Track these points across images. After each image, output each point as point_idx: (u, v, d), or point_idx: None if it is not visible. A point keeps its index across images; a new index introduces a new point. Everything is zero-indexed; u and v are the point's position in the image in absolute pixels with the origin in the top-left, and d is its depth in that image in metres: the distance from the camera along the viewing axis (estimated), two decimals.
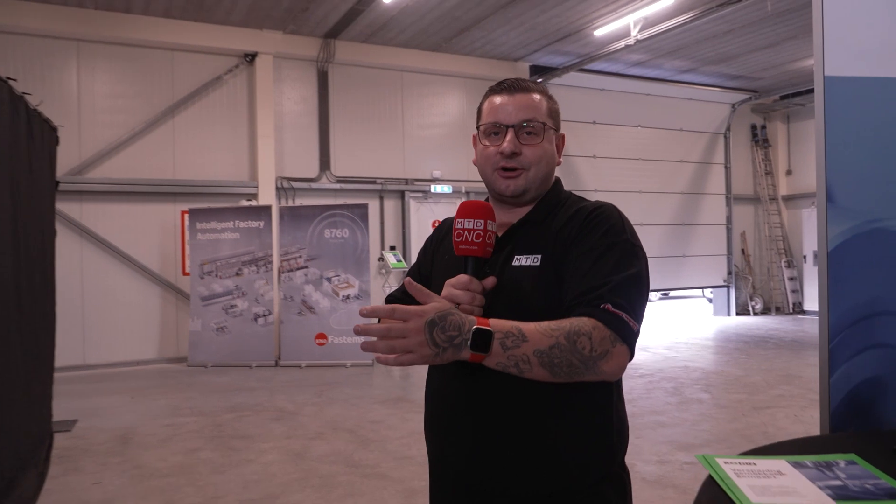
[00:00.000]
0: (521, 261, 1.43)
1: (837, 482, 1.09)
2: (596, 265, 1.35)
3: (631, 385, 7.47)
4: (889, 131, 1.37)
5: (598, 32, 10.47)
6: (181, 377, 8.60)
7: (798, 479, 1.09)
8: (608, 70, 12.52)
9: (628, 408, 1.52)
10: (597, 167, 12.99)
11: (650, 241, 13.25)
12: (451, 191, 11.65)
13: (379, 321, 1.36)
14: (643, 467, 4.70)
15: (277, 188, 10.47)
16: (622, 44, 10.44)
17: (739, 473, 1.13)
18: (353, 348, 8.95)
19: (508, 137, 1.45)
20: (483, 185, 1.58)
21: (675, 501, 4.08)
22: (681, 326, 13.05)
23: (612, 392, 1.44)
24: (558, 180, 1.58)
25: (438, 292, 1.37)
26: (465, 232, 1.39)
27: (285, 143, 10.65)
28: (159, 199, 9.88)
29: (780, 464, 1.17)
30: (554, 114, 1.52)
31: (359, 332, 1.26)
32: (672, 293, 19.85)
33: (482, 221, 1.39)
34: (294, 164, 10.76)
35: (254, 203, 10.07)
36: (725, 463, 1.19)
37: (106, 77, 9.57)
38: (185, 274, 9.88)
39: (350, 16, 9.72)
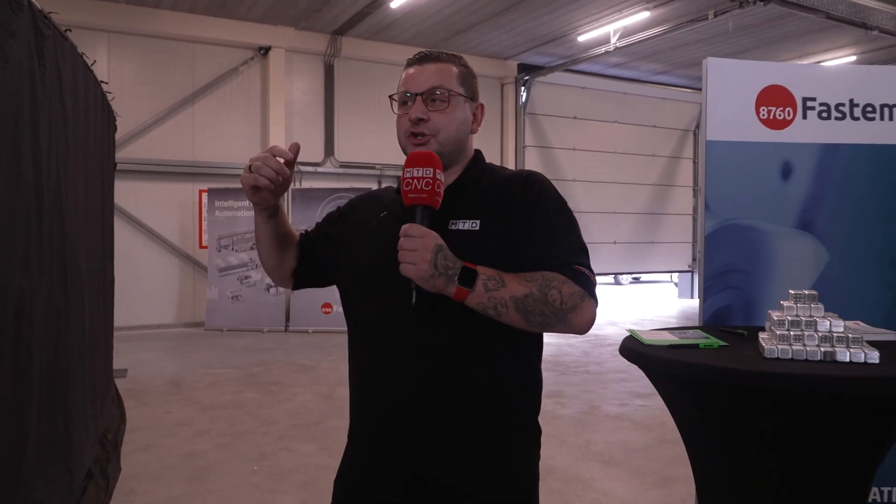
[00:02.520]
0: (458, 225, 1.44)
1: (684, 333, 2.18)
2: (555, 231, 1.43)
3: (600, 352, 8.68)
4: (735, 171, 2.49)
5: (582, 38, 11.58)
6: (202, 339, 9.65)
7: (668, 334, 2.18)
8: (589, 70, 13.64)
9: (598, 368, 2.45)
10: (576, 159, 14.16)
11: (622, 228, 14.54)
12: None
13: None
14: (607, 408, 5.89)
15: None
16: (602, 49, 11.56)
17: (645, 334, 2.22)
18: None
19: (417, 104, 1.47)
20: None
21: (630, 429, 5.26)
22: (648, 307, 14.33)
23: (538, 355, 1.53)
24: (479, 152, 1.60)
25: (365, 251, 1.50)
26: (414, 181, 1.36)
27: (294, 129, 11.63)
28: (179, 178, 10.84)
29: (666, 333, 2.26)
30: (467, 83, 1.52)
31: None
32: (643, 277, 21.16)
33: (431, 170, 1.37)
34: (302, 149, 11.70)
35: None
36: (640, 331, 2.29)
37: (133, 66, 10.48)
38: (202, 247, 10.87)
39: (359, 16, 10.71)
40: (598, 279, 1.77)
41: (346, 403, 1.60)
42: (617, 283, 20.56)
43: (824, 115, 2.57)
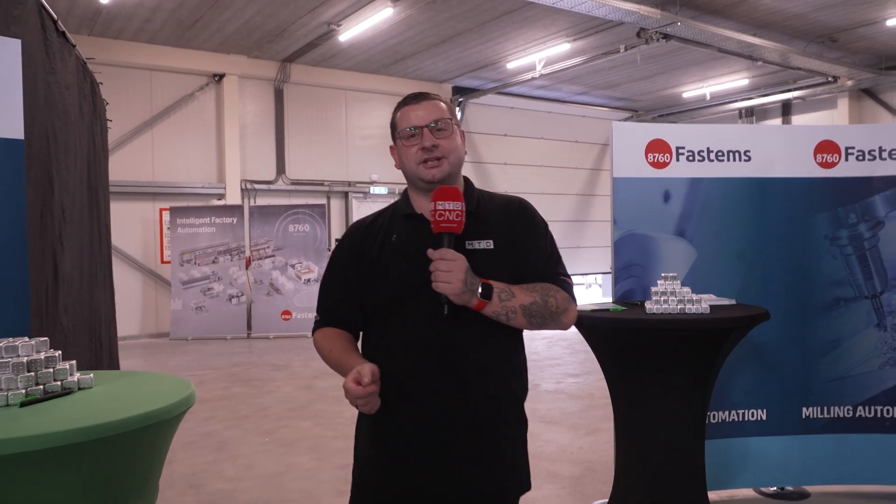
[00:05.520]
0: (475, 245, 1.67)
1: (603, 306, 3.32)
2: (546, 249, 1.76)
3: (536, 344, 9.91)
4: (633, 197, 3.68)
5: (510, 65, 12.89)
6: (171, 347, 10.37)
7: (592, 307, 3.32)
8: (517, 92, 14.99)
9: (535, 357, 3.28)
10: (507, 172, 15.49)
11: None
12: (386, 192, 13.79)
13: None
14: (545, 385, 7.08)
15: (241, 189, 12.29)
16: (529, 75, 12.89)
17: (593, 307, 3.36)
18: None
19: (426, 135, 1.68)
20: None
21: (565, 399, 6.46)
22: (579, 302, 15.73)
23: (524, 350, 1.80)
24: (467, 177, 1.81)
25: (395, 273, 1.68)
26: (447, 212, 1.57)
27: (247, 150, 12.46)
28: (140, 198, 11.51)
29: (591, 306, 3.39)
30: (452, 113, 1.76)
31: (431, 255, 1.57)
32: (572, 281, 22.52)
33: (460, 203, 1.59)
34: (255, 168, 12.60)
35: (224, 203, 11.87)
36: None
37: None
38: (163, 262, 11.56)
39: (308, 46, 11.67)
40: None
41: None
42: None
43: (691, 158, 3.79)
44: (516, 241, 1.72)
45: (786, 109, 15.47)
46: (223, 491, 4.24)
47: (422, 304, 1.63)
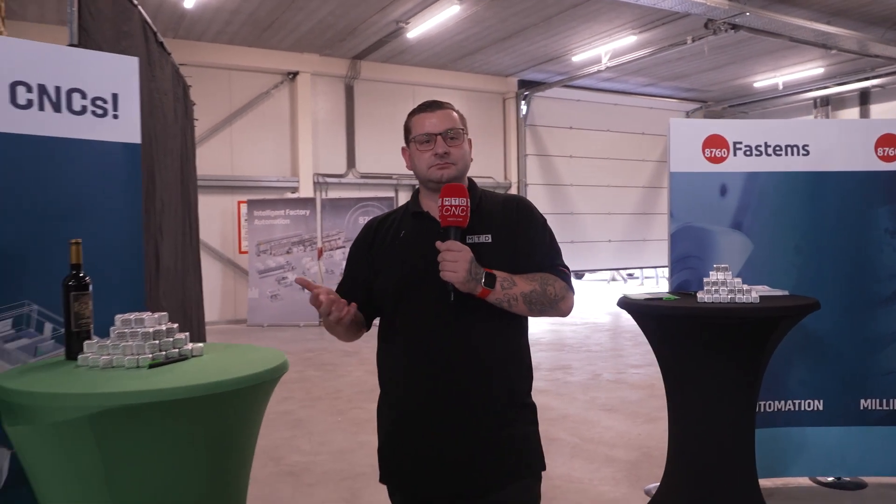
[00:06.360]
0: (475, 239, 1.81)
1: (658, 295, 3.49)
2: (544, 242, 1.90)
3: (599, 335, 10.01)
4: (689, 191, 3.81)
5: (576, 58, 12.93)
6: (249, 333, 10.94)
7: (647, 295, 3.48)
8: (583, 85, 15.00)
9: (598, 347, 3.48)
10: (572, 165, 15.53)
11: (616, 227, 15.91)
12: None
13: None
14: (607, 375, 7.21)
15: (314, 182, 12.79)
16: (595, 68, 12.91)
17: (633, 295, 3.51)
18: None
19: (439, 142, 1.83)
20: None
21: (626, 389, 6.58)
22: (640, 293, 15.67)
23: (527, 335, 1.93)
24: (471, 178, 1.95)
25: (403, 264, 1.85)
26: (453, 207, 1.72)
27: (319, 145, 12.94)
28: (220, 191, 12.12)
29: (646, 294, 3.55)
30: (463, 123, 1.90)
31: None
32: (635, 273, 22.42)
33: (465, 199, 1.74)
34: (326, 162, 13.08)
35: (298, 195, 12.38)
36: (630, 294, 3.58)
37: None
38: (241, 252, 12.17)
39: (377, 44, 12.03)
40: (593, 276, 3.08)
41: None
42: (613, 279, 21.86)
43: (748, 153, 3.89)
44: (514, 236, 1.87)
45: (864, 98, 14.94)
46: (300, 463, 4.60)
47: (428, 293, 1.78)
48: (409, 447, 1.85)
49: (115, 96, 2.30)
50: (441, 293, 1.73)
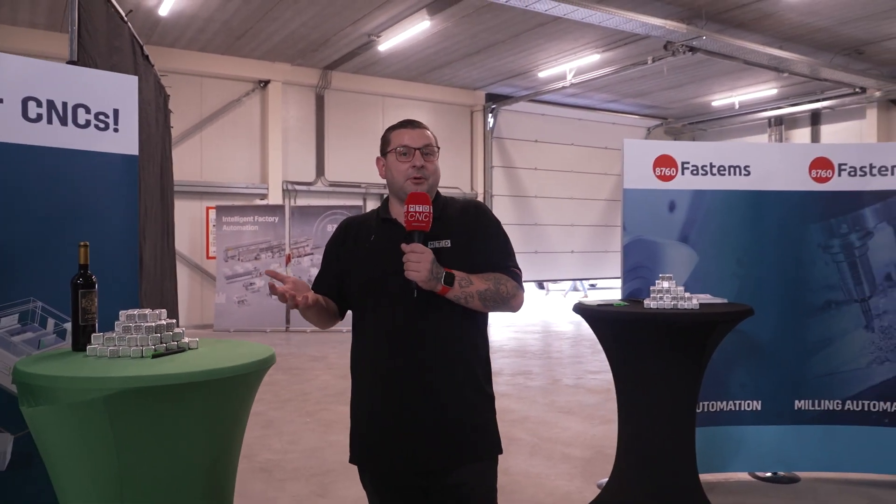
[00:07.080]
0: (436, 244, 2.00)
1: (610, 301, 3.77)
2: (498, 244, 2.11)
3: (559, 343, 10.34)
4: (641, 207, 4.13)
5: (542, 74, 13.33)
6: (216, 338, 10.99)
7: (599, 302, 3.77)
8: (548, 100, 15.42)
9: (558, 355, 3.68)
10: (537, 177, 15.93)
11: (579, 238, 16.33)
12: None
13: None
14: (566, 380, 7.53)
15: (283, 189, 12.94)
16: (560, 84, 13.32)
17: (587, 301, 3.81)
18: (349, 316, 11.54)
19: (417, 156, 2.04)
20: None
21: (584, 393, 6.90)
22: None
23: (486, 327, 2.14)
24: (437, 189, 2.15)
25: (370, 264, 2.06)
26: (417, 213, 1.92)
27: (289, 153, 13.11)
28: (189, 196, 12.17)
29: (598, 301, 3.85)
30: (436, 141, 2.12)
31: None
32: (598, 284, 22.91)
33: (428, 207, 1.93)
34: (296, 170, 13.25)
35: (267, 202, 12.52)
36: (584, 300, 3.87)
37: None
38: (209, 258, 12.24)
39: (348, 55, 12.26)
40: (556, 286, 3.36)
41: None
42: (574, 289, 22.30)
43: (695, 172, 4.23)
44: (472, 239, 2.07)
45: (815, 119, 15.64)
46: (272, 460, 4.79)
47: (393, 290, 1.99)
48: (378, 430, 2.06)
49: (116, 112, 2.51)
50: (405, 290, 1.94)
